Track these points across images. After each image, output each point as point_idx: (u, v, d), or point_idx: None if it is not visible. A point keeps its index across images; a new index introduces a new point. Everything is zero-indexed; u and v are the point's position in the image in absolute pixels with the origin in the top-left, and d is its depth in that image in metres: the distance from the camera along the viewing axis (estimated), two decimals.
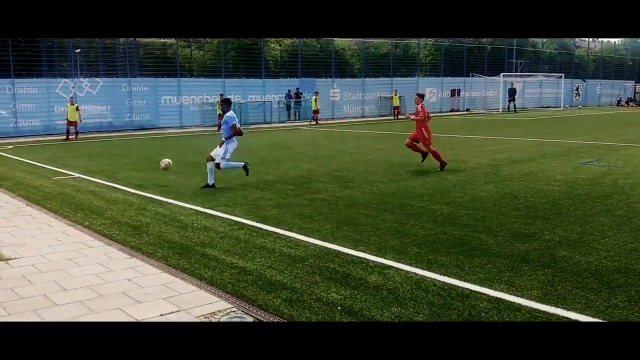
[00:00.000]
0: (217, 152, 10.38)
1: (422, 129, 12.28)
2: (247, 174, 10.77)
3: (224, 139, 10.45)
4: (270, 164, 13.70)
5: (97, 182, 11.09)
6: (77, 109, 22.53)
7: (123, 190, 10.21)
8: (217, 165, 10.40)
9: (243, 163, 10.73)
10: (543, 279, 5.15)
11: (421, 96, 12.99)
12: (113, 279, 5.44)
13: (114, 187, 10.57)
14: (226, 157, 10.40)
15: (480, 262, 5.68)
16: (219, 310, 4.64)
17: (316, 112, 30.44)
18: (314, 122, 30.03)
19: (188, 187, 10.43)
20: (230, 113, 10.52)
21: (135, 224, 7.58)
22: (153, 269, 5.77)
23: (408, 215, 7.78)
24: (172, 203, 8.96)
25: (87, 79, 26.62)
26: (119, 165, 13.84)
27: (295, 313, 4.53)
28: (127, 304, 4.83)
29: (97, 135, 24.33)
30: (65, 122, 22.57)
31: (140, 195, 9.70)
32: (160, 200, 9.18)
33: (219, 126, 26.60)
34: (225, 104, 10.63)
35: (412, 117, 12.70)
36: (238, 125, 10.61)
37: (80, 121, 22.75)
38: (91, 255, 6.25)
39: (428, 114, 12.45)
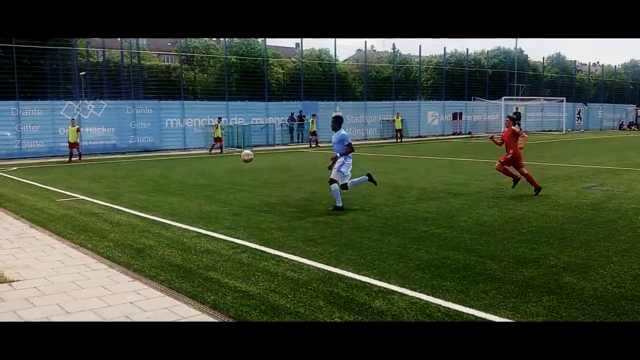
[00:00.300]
0: (337, 174, 10.32)
1: (513, 151, 11.81)
2: (375, 184, 11.10)
3: (338, 156, 10.48)
4: (274, 186, 13.72)
5: (100, 204, 11.10)
6: (77, 130, 22.70)
7: (127, 212, 10.22)
8: (344, 186, 10.42)
9: (366, 176, 10.92)
10: (548, 306, 5.11)
11: (513, 119, 12.58)
12: (116, 302, 5.42)
13: (117, 209, 10.58)
14: (349, 175, 10.42)
15: (484, 288, 5.64)
16: None
17: (313, 134, 30.57)
18: (314, 144, 30.05)
19: (191, 209, 10.43)
20: (344, 131, 10.64)
21: (139, 247, 7.57)
22: (156, 292, 5.75)
23: (412, 239, 7.76)
24: (175, 225, 8.96)
25: (91, 102, 26.85)
26: (122, 187, 13.87)
27: None
28: None
29: (101, 157, 24.43)
30: (68, 145, 22.72)
31: (144, 217, 9.70)
32: (164, 223, 9.18)
33: (212, 147, 26.55)
34: (337, 122, 10.62)
35: (496, 141, 12.41)
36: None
37: (79, 143, 22.87)
38: (94, 278, 6.23)
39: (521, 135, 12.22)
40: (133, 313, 5.14)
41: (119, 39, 32.47)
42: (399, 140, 33.66)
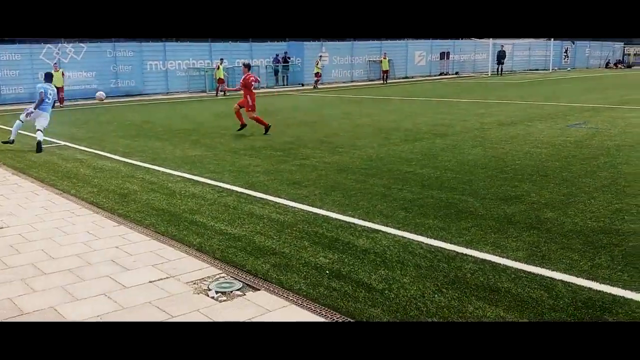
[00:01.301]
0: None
1: (248, 96, 12.93)
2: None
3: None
4: (258, 130, 13.60)
5: (83, 150, 10.99)
6: (62, 74, 22.26)
7: (110, 157, 10.13)
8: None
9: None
10: (528, 240, 5.22)
11: (246, 66, 14.11)
12: (101, 247, 5.45)
13: (100, 154, 10.48)
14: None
15: (466, 225, 5.73)
16: (208, 277, 4.67)
17: (318, 75, 30.55)
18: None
19: (175, 154, 10.36)
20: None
21: (123, 192, 7.55)
22: (141, 236, 5.78)
23: (396, 180, 7.80)
24: (159, 170, 8.92)
25: (71, 44, 26.08)
26: (105, 132, 13.71)
27: (283, 278, 4.57)
28: (115, 271, 4.84)
29: (83, 102, 23.98)
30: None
31: (127, 162, 9.64)
32: (148, 168, 9.13)
33: (217, 90, 26.17)
34: None
35: (228, 88, 14.31)
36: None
37: (63, 87, 22.52)
38: (78, 223, 6.24)
39: (251, 81, 13.30)
40: (118, 257, 5.17)
41: None
42: (385, 81, 33.35)
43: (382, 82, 33.47)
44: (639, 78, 32.59)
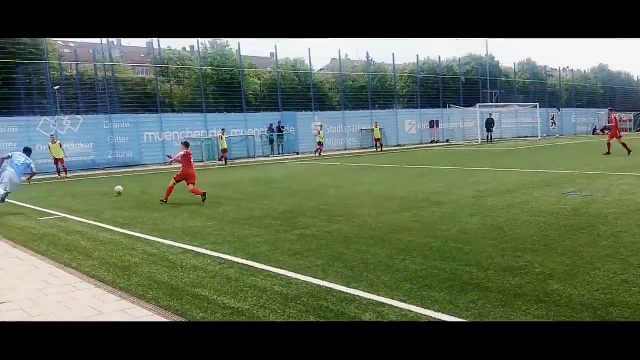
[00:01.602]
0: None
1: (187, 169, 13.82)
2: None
3: None
4: (257, 199, 13.69)
5: (83, 222, 10.96)
6: (60, 145, 22.60)
7: (110, 229, 10.10)
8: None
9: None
10: (537, 314, 5.18)
11: (186, 144, 15.06)
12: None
13: (100, 226, 10.45)
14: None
15: (473, 298, 5.70)
16: None
17: (320, 144, 31.07)
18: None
19: (175, 225, 10.35)
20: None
21: (124, 265, 7.49)
22: (144, 311, 5.69)
23: (398, 250, 7.80)
24: (159, 242, 8.88)
25: (67, 117, 26.52)
26: (104, 204, 13.71)
27: None
28: None
29: (80, 174, 24.08)
30: (53, 161, 22.57)
31: (128, 234, 9.60)
32: (148, 240, 9.09)
33: (220, 158, 26.47)
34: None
35: (171, 159, 15.08)
36: None
37: (66, 157, 22.88)
38: (80, 298, 6.15)
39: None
40: None
41: (91, 51, 32.13)
42: (379, 149, 33.87)
43: (375, 150, 33.97)
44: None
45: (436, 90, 42.76)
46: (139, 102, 30.78)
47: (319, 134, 31.89)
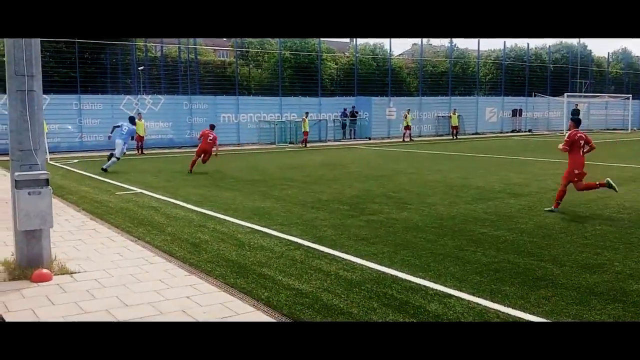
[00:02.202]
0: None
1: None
2: None
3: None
4: (326, 182, 13.69)
5: (158, 198, 11.36)
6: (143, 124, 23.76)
7: (183, 206, 10.41)
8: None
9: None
10: (613, 314, 4.87)
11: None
12: (173, 296, 5.51)
13: (174, 203, 10.79)
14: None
15: (545, 294, 5.42)
16: None
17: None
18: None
19: (245, 205, 10.52)
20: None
21: (195, 241, 7.68)
22: (211, 287, 5.81)
23: (469, 241, 7.55)
24: (229, 221, 9.05)
25: (149, 96, 27.53)
26: (179, 181, 14.17)
27: None
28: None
29: (159, 151, 25.04)
30: (136, 137, 23.71)
31: (200, 212, 9.86)
32: (219, 218, 9.29)
33: (302, 141, 26.91)
34: None
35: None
36: None
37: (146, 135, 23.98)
38: (152, 271, 6.36)
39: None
40: (189, 307, 5.20)
41: None
42: (455, 137, 33.05)
43: (451, 137, 33.18)
44: None
45: (522, 77, 40.98)
46: (218, 84, 31.53)
47: (406, 117, 31.75)
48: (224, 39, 59.55)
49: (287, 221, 8.98)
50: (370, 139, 32.99)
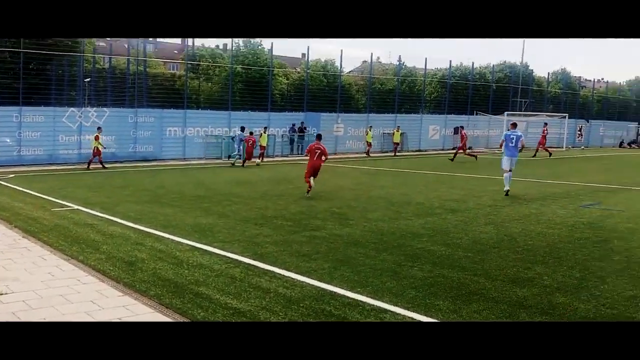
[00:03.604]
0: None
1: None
2: None
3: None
4: (271, 198, 13.67)
5: (95, 215, 11.05)
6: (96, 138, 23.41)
7: (121, 223, 10.17)
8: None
9: None
10: None
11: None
12: (104, 318, 5.36)
13: (111, 220, 10.53)
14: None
15: (477, 308, 5.59)
16: None
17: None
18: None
19: (186, 221, 10.38)
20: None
21: (131, 260, 7.52)
22: (145, 308, 5.70)
23: (407, 256, 7.70)
24: (169, 238, 8.90)
25: (94, 109, 26.83)
26: (118, 197, 13.83)
27: None
28: None
29: (99, 165, 24.39)
30: (94, 151, 23.27)
31: (138, 229, 9.65)
32: (158, 235, 9.13)
33: (259, 155, 26.42)
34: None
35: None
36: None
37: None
38: (83, 292, 6.18)
39: None
40: None
41: (126, 45, 32.53)
42: (395, 153, 33.81)
43: (393, 154, 33.88)
44: None
45: (465, 96, 42.21)
46: (167, 97, 31.00)
47: (367, 134, 32.88)
48: (175, 51, 58.90)
49: (229, 238, 8.92)
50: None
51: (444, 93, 42.26)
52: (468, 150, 28.73)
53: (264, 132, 28.40)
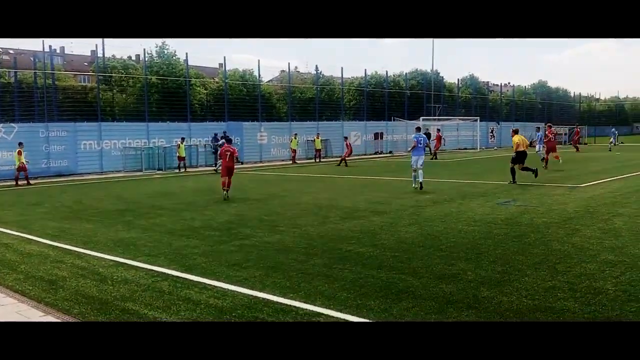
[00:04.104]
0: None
1: None
2: None
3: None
4: (197, 209, 13.43)
5: (10, 234, 10.43)
6: (19, 153, 22.36)
7: (38, 241, 9.65)
8: None
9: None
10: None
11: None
12: None
13: (28, 238, 9.96)
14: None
15: (407, 305, 5.74)
16: None
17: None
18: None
19: (108, 236, 10.00)
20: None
21: (51, 278, 7.15)
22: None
23: (336, 259, 7.80)
24: (90, 254, 8.54)
25: (1, 125, 25.33)
26: (34, 215, 13.12)
27: None
28: None
29: (12, 182, 23.03)
30: (20, 166, 22.07)
31: (57, 246, 9.20)
32: (78, 252, 8.74)
33: (178, 166, 26.04)
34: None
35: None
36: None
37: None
38: (2, 313, 5.82)
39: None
40: None
41: (32, 58, 30.89)
42: (317, 160, 34.22)
43: (314, 160, 34.29)
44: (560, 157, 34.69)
45: (382, 103, 43.47)
46: (79, 110, 29.72)
47: (292, 142, 33.10)
48: (85, 63, 56.62)
49: (155, 251, 8.67)
50: (242, 163, 32.93)
51: (362, 100, 43.27)
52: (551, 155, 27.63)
53: (182, 143, 27.97)
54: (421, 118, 42.09)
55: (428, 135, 41.09)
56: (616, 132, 44.02)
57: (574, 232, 9.36)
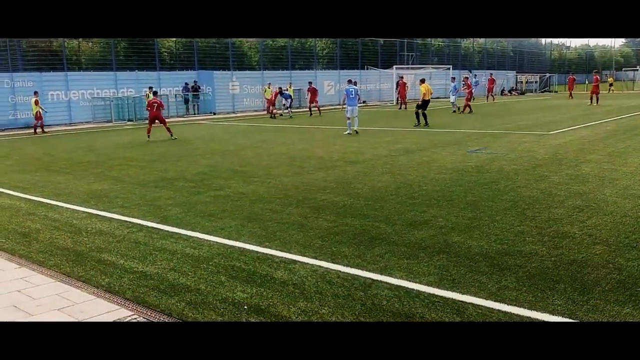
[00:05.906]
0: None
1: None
2: None
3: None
4: (169, 160, 13.32)
5: None
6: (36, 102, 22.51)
7: (9, 194, 9.51)
8: None
9: None
10: (439, 265, 5.43)
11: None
12: (2, 292, 5.08)
13: None
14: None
15: (380, 252, 5.88)
16: (119, 319, 4.47)
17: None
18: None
19: (80, 188, 9.89)
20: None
21: (24, 231, 7.10)
22: (46, 278, 5.45)
23: (312, 209, 7.88)
24: (63, 206, 8.47)
25: None
26: (2, 167, 12.86)
27: (200, 316, 4.46)
28: (19, 317, 4.53)
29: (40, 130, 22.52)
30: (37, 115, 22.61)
31: (28, 199, 9.08)
32: (51, 204, 8.65)
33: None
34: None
35: None
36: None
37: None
38: None
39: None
40: (22, 302, 4.85)
41: None
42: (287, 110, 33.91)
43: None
44: (531, 104, 35.09)
45: (355, 51, 43.00)
46: (44, 60, 28.78)
47: (265, 92, 31.78)
48: None
49: (128, 203, 8.63)
50: (215, 114, 32.51)
51: (335, 49, 42.70)
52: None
53: (150, 93, 27.34)
54: (394, 67, 41.86)
55: (396, 85, 41.05)
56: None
57: (542, 178, 9.59)
